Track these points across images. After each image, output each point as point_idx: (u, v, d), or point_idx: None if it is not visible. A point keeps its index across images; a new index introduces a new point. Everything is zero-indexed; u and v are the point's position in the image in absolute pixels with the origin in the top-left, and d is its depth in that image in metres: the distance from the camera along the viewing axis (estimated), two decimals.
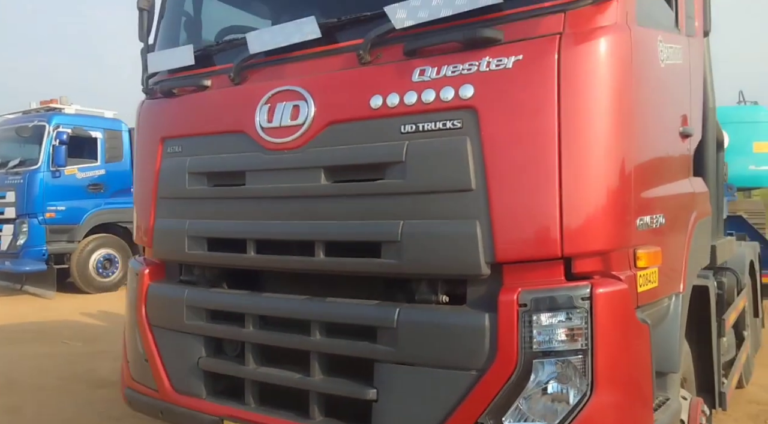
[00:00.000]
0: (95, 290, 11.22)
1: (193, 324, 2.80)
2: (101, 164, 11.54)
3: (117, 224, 11.75)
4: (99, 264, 11.31)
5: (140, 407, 3.09)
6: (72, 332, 7.96)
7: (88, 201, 11.31)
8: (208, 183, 2.80)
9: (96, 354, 6.78)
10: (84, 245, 11.17)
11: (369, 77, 2.38)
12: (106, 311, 9.53)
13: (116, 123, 11.97)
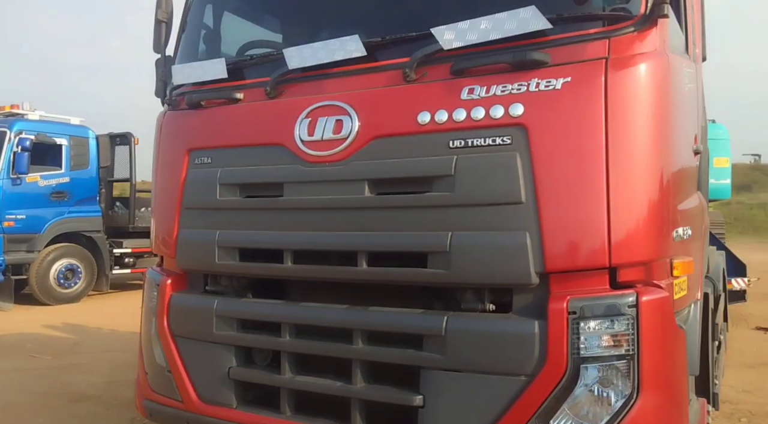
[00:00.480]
0: (56, 302, 10.82)
1: (224, 334, 2.77)
2: (66, 172, 11.20)
3: (81, 234, 11.40)
4: (60, 274, 10.92)
5: (163, 419, 3.03)
6: (37, 346, 7.66)
7: (51, 209, 10.94)
8: (240, 194, 2.81)
9: (68, 368, 6.55)
10: (44, 255, 10.78)
11: (416, 94, 2.45)
12: (70, 323, 9.20)
13: (82, 130, 11.66)
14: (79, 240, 11.43)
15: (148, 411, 3.06)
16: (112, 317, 9.76)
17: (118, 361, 6.83)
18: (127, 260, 12.20)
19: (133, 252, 12.28)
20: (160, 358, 3.00)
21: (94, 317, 9.74)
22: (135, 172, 12.42)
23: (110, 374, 6.29)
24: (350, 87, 2.60)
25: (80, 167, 11.42)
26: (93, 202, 11.66)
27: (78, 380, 6.07)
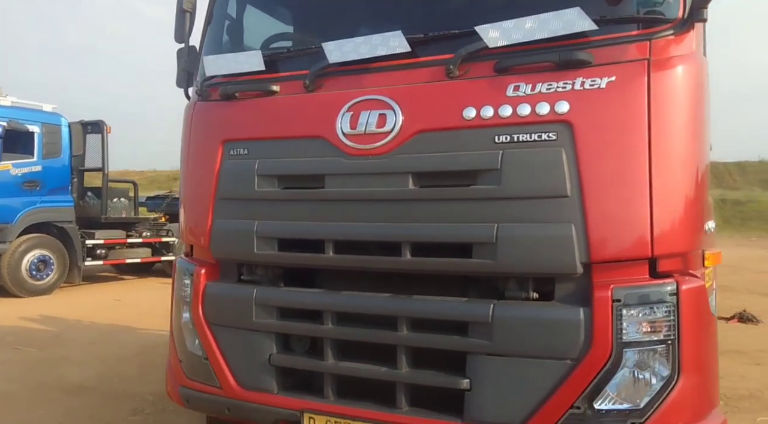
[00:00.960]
0: (27, 294, 10.55)
1: (264, 322, 2.81)
2: (38, 160, 10.88)
3: (52, 224, 11.12)
4: (32, 266, 10.63)
5: (200, 405, 3.06)
6: (18, 338, 7.48)
7: (22, 199, 10.62)
8: (278, 185, 2.84)
9: (57, 360, 6.44)
10: (16, 245, 10.48)
11: (461, 90, 2.53)
12: (47, 316, 9.00)
13: (55, 117, 11.35)
14: (50, 231, 11.13)
15: (184, 398, 3.07)
16: (88, 309, 9.59)
17: (106, 353, 6.75)
18: (99, 251, 11.95)
19: (106, 243, 12.05)
20: (195, 346, 3.02)
21: (70, 310, 9.55)
22: (107, 162, 12.17)
23: (101, 366, 6.22)
24: (392, 82, 2.66)
25: (52, 156, 11.11)
26: (65, 192, 11.37)
27: (70, 372, 5.98)
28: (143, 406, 4.96)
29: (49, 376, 5.86)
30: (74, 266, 11.30)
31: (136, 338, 7.58)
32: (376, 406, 2.60)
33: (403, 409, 2.54)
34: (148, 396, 5.19)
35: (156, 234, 13.10)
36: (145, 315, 9.12)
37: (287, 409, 2.72)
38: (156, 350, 6.92)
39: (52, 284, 10.96)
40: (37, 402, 5.07)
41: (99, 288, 12.28)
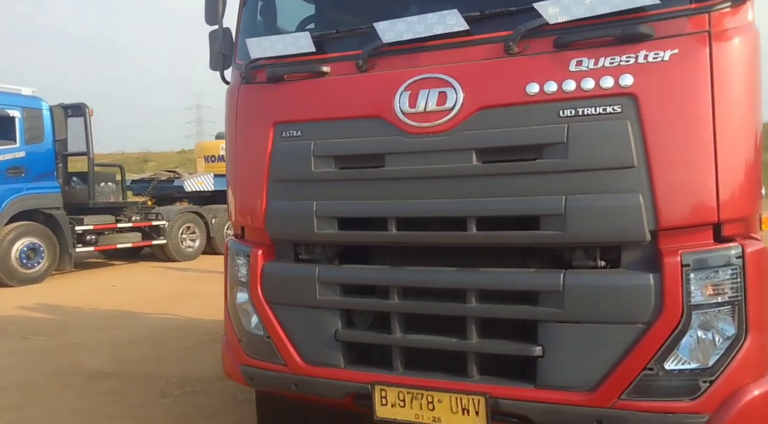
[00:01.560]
0: (19, 283, 10.37)
1: (328, 299, 2.85)
2: (20, 146, 10.62)
3: (39, 211, 10.89)
4: (22, 254, 10.44)
5: (265, 382, 3.08)
6: (23, 327, 7.39)
7: (7, 186, 10.38)
8: (335, 166, 2.85)
9: (68, 347, 6.39)
10: (4, 234, 10.27)
11: (522, 66, 2.56)
12: (45, 304, 8.88)
13: (36, 101, 11.04)
14: (38, 218, 10.91)
15: (247, 376, 3.09)
16: (85, 296, 9.48)
17: (117, 339, 6.72)
18: (89, 237, 11.77)
19: (95, 229, 11.86)
20: (254, 325, 3.05)
21: (67, 297, 9.43)
22: (92, 145, 11.90)
23: (115, 351, 6.19)
24: (449, 60, 2.67)
25: (35, 141, 10.84)
26: (51, 178, 11.12)
27: (85, 358, 5.95)
28: (170, 388, 4.98)
29: (64, 363, 5.82)
30: (65, 253, 11.12)
31: (142, 323, 7.54)
32: (445, 376, 2.66)
33: (474, 377, 2.61)
34: (171, 379, 5.21)
35: (145, 218, 12.92)
36: (144, 300, 9.07)
37: (357, 382, 2.76)
38: (166, 332, 6.92)
39: (44, 271, 10.78)
40: (61, 388, 5.05)
41: (91, 274, 12.12)
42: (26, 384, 5.18)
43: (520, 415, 2.52)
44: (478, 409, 2.52)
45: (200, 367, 5.52)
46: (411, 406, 2.63)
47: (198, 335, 6.79)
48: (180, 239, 13.37)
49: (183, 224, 13.45)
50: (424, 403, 2.61)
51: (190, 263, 13.26)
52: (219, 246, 14.19)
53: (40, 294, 9.66)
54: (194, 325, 7.31)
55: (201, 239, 13.88)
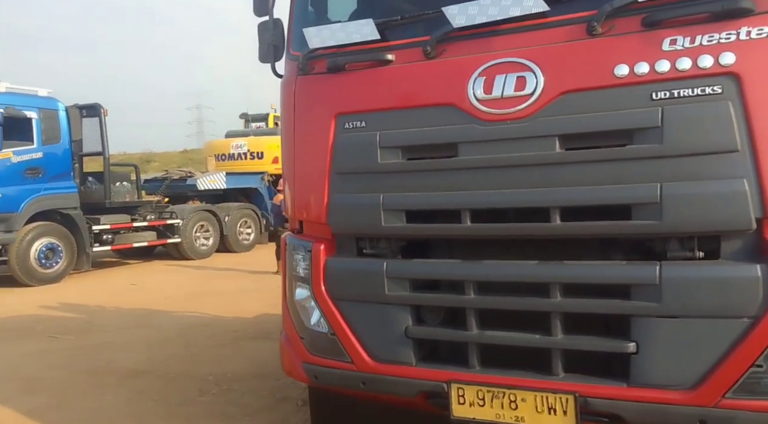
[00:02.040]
0: (38, 282, 10.41)
1: (398, 295, 2.77)
2: (38, 147, 10.64)
3: (56, 211, 10.92)
4: (41, 254, 10.47)
5: (331, 381, 3.00)
6: (49, 327, 7.42)
7: (26, 187, 10.41)
8: (402, 156, 2.78)
9: (100, 346, 6.41)
10: (23, 234, 10.30)
11: (609, 47, 2.44)
12: (67, 303, 8.92)
13: (52, 102, 11.06)
14: (55, 218, 10.95)
15: (311, 374, 3.04)
16: (106, 295, 9.51)
17: (146, 337, 6.74)
18: (106, 236, 11.81)
19: (112, 228, 11.90)
20: (316, 322, 2.99)
21: (88, 296, 9.47)
22: (107, 145, 11.94)
23: (147, 350, 6.21)
24: (525, 43, 2.57)
25: (52, 141, 10.87)
26: (68, 178, 11.16)
27: (118, 357, 5.97)
28: (207, 386, 5.00)
29: (98, 362, 5.85)
30: (82, 253, 11.15)
31: (168, 321, 7.57)
32: (527, 373, 2.56)
33: (559, 375, 2.51)
34: (208, 377, 5.23)
35: (159, 217, 12.95)
36: (165, 298, 9.10)
37: (431, 381, 2.67)
38: (194, 330, 6.95)
39: (62, 271, 10.82)
40: (99, 387, 5.07)
41: (109, 273, 12.16)
42: (63, 383, 5.21)
43: (611, 414, 2.42)
44: (566, 408, 2.42)
45: (234, 365, 5.55)
46: (491, 405, 2.53)
47: (226, 332, 6.82)
48: (194, 238, 13.40)
49: (197, 223, 13.48)
50: (505, 402, 2.51)
51: (205, 261, 13.29)
52: (232, 244, 14.25)
53: (60, 294, 9.70)
54: (221, 323, 7.34)
55: (215, 237, 13.91)
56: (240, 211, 14.68)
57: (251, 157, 16.81)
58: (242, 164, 16.71)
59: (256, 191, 15.76)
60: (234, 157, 16.99)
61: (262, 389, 4.86)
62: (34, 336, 7.01)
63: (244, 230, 14.73)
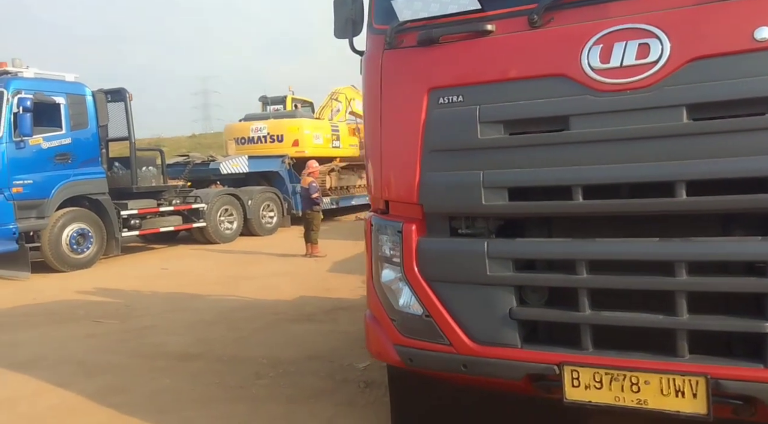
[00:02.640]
0: (69, 268, 10.48)
1: (500, 276, 2.68)
2: (66, 132, 10.65)
3: (84, 197, 10.96)
4: (72, 240, 10.54)
5: (427, 363, 2.91)
6: (88, 312, 7.48)
7: (56, 173, 10.44)
8: (504, 132, 2.67)
9: (145, 330, 6.47)
10: (54, 220, 10.35)
11: (747, 9, 2.33)
12: (103, 288, 8.99)
13: (79, 87, 11.05)
14: (83, 203, 11.00)
15: (405, 357, 2.95)
16: (138, 280, 9.58)
17: (189, 320, 6.79)
18: (134, 221, 11.85)
19: (139, 213, 11.94)
20: (407, 304, 2.92)
21: (122, 281, 9.54)
22: (133, 130, 11.93)
23: (192, 333, 6.26)
24: (647, 8, 2.46)
25: (80, 127, 10.87)
26: (96, 164, 11.18)
27: (165, 341, 6.03)
28: (263, 369, 5.02)
29: (146, 346, 5.89)
30: (111, 238, 11.22)
31: (206, 304, 7.62)
32: (649, 355, 2.47)
33: (685, 357, 2.42)
34: (260, 360, 5.25)
35: (184, 201, 12.98)
36: (199, 282, 9.16)
37: (540, 363, 2.59)
38: (235, 313, 6.99)
39: (93, 256, 10.89)
40: (154, 371, 5.12)
41: (137, 258, 12.24)
42: (118, 367, 5.26)
43: (745, 397, 2.34)
44: (696, 390, 2.34)
45: (283, 347, 5.58)
46: (609, 388, 2.45)
47: (266, 315, 6.86)
48: (218, 221, 13.44)
49: (221, 207, 13.52)
50: (626, 384, 2.43)
51: (230, 244, 13.35)
52: (255, 228, 14.29)
53: (94, 279, 9.77)
54: (259, 305, 7.38)
55: (238, 220, 13.94)
56: (262, 194, 14.69)
57: (271, 140, 16.78)
58: (262, 148, 16.68)
59: (277, 175, 15.74)
60: (254, 141, 16.97)
61: (318, 371, 4.89)
62: (77, 321, 7.07)
63: (267, 214, 14.76)
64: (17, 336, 6.46)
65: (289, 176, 15.78)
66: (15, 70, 10.37)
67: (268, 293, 8.17)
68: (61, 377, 5.02)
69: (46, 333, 6.53)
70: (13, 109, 9.79)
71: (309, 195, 10.95)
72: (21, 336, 6.45)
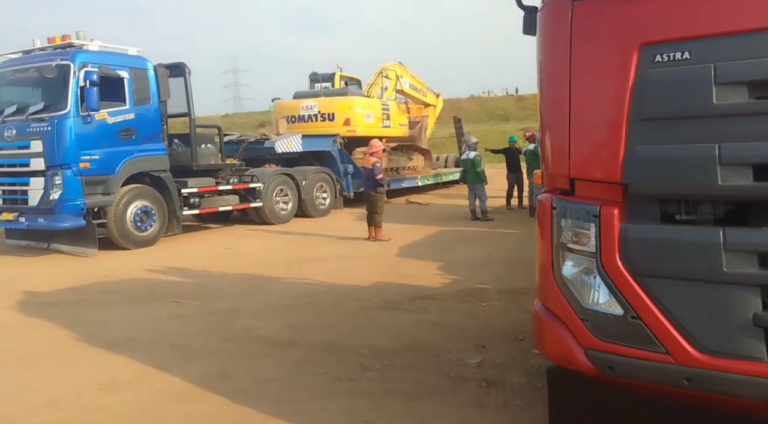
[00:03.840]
0: (134, 246, 10.41)
1: (742, 273, 2.30)
2: (130, 107, 10.50)
3: (145, 174, 10.85)
4: (136, 217, 10.46)
5: (636, 373, 2.55)
6: (164, 292, 7.37)
7: (121, 149, 10.32)
8: (749, 95, 2.27)
9: (229, 313, 6.31)
10: (119, 197, 10.26)
11: None
12: (169, 266, 8.88)
13: (141, 61, 10.87)
14: (144, 180, 10.89)
15: (602, 364, 2.61)
16: (204, 259, 9.46)
17: (271, 304, 6.61)
18: (193, 200, 11.72)
19: (199, 191, 11.81)
20: (603, 301, 2.58)
21: (186, 260, 9.43)
22: (193, 106, 11.76)
23: (279, 317, 6.08)
24: None
25: (143, 102, 10.71)
26: (158, 140, 11.03)
27: (254, 325, 5.85)
28: (367, 361, 4.78)
29: (235, 329, 5.73)
30: (173, 216, 11.12)
31: (283, 287, 7.44)
32: None
33: None
34: (359, 350, 5.03)
35: (240, 180, 12.82)
36: (265, 263, 9.00)
37: None
38: (316, 298, 6.79)
39: (156, 234, 10.81)
40: (252, 357, 4.95)
41: (197, 237, 12.15)
42: (214, 352, 5.10)
43: None
44: None
45: (378, 337, 5.35)
46: None
47: (349, 301, 6.64)
48: (274, 202, 13.27)
49: (277, 187, 13.33)
50: None
51: (286, 226, 13.19)
52: (309, 209, 14.10)
53: (158, 257, 9.68)
54: (339, 290, 7.18)
55: (293, 201, 13.76)
56: (316, 175, 14.47)
57: (322, 119, 16.52)
58: (312, 126, 16.44)
59: (329, 155, 15.48)
60: (304, 119, 16.73)
61: (425, 365, 4.64)
62: (156, 300, 6.96)
63: (320, 195, 14.54)
64: (103, 314, 6.37)
65: (340, 156, 15.52)
66: (79, 42, 10.21)
67: (341, 276, 7.96)
68: (158, 360, 4.88)
69: (130, 313, 6.42)
70: (80, 83, 9.65)
71: (373, 176, 10.65)
72: (107, 314, 6.36)
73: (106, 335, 5.61)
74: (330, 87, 18.84)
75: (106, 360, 4.95)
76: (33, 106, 9.81)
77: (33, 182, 9.74)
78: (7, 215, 10.20)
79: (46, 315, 6.36)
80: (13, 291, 7.60)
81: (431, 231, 11.63)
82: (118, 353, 5.08)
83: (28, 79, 10.15)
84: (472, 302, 6.44)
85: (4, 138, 9.99)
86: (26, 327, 6.02)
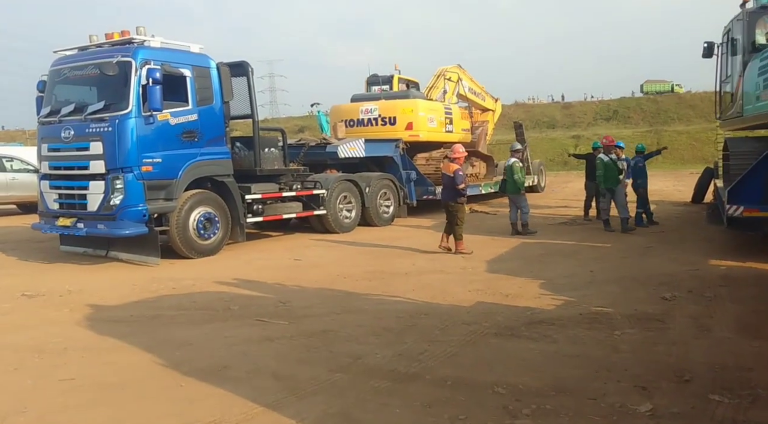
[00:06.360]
0: (197, 254, 9.72)
1: None
2: (193, 108, 9.82)
3: (208, 179, 10.16)
4: (199, 224, 9.76)
5: None
6: (243, 308, 6.62)
7: (183, 152, 9.65)
8: None
9: (323, 336, 5.48)
10: (182, 203, 9.58)
11: None
12: (242, 279, 8.12)
13: (204, 59, 10.20)
14: (206, 186, 10.20)
15: None
16: (274, 271, 8.71)
17: (366, 325, 5.78)
18: (257, 207, 10.99)
19: (263, 198, 11.10)
20: None
21: (257, 271, 8.69)
22: (257, 108, 11.07)
23: (385, 343, 5.23)
24: None
25: (206, 102, 10.03)
26: (221, 143, 10.33)
27: (359, 351, 5.01)
28: (510, 403, 3.92)
29: (340, 357, 4.89)
30: (236, 224, 10.42)
31: (374, 306, 6.60)
32: None
33: None
34: (494, 387, 4.16)
35: (303, 186, 12.06)
36: (343, 276, 8.20)
37: None
38: (416, 320, 5.93)
39: (219, 243, 10.11)
40: (373, 394, 4.11)
41: (261, 247, 11.40)
42: (325, 386, 4.28)
43: None
44: None
45: (510, 371, 4.49)
46: None
47: (456, 325, 5.77)
48: (338, 209, 12.49)
49: (340, 193, 12.55)
50: None
51: (351, 235, 12.37)
52: (373, 217, 13.30)
53: (225, 268, 8.97)
54: (438, 310, 6.31)
55: (357, 209, 12.96)
56: (380, 181, 13.64)
57: (383, 123, 15.70)
58: (372, 131, 15.60)
59: (391, 160, 14.64)
60: (363, 123, 15.92)
61: (585, 412, 3.74)
62: (236, 318, 6.19)
63: (384, 203, 13.71)
64: (183, 334, 5.62)
65: (402, 162, 14.68)
66: (140, 38, 9.58)
67: (433, 294, 7.10)
68: (265, 396, 4.09)
69: (213, 333, 5.66)
70: (142, 81, 9.03)
71: (454, 185, 9.74)
72: (187, 335, 5.61)
73: (193, 360, 4.85)
74: (388, 90, 18.06)
75: (205, 394, 4.17)
76: (92, 106, 9.20)
77: (92, 186, 9.13)
78: (64, 221, 9.60)
79: (120, 334, 5.65)
80: (77, 304, 6.95)
81: (513, 243, 10.68)
82: (216, 385, 4.30)
83: (86, 76, 9.52)
84: (601, 330, 5.50)
85: (61, 139, 9.43)
86: (102, 349, 5.29)
